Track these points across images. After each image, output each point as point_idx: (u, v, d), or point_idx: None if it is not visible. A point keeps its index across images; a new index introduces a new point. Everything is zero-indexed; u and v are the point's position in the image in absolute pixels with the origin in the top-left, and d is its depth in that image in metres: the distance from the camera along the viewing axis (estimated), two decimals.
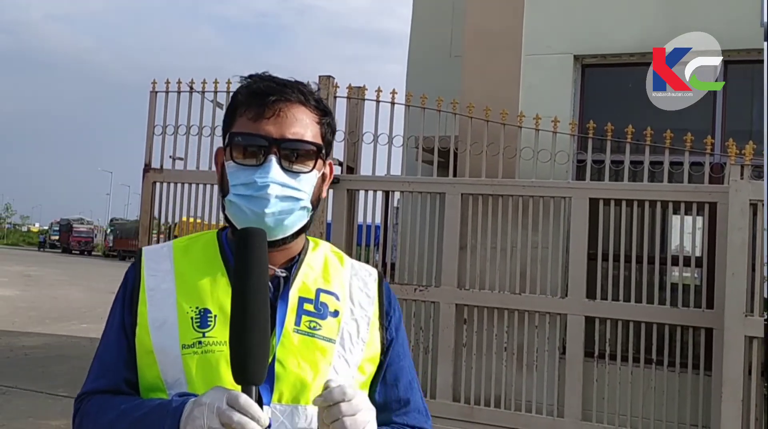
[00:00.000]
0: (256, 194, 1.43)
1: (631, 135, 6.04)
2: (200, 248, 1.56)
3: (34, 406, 7.44)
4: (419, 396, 1.63)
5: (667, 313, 5.86)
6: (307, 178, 1.49)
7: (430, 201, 6.63)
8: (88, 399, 1.48)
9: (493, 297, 6.31)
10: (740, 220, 5.42)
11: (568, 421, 6.05)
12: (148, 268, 1.53)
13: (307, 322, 1.47)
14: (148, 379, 1.44)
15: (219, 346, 1.39)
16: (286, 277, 1.50)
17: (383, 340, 1.56)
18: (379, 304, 1.59)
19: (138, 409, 1.38)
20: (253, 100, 1.48)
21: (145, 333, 1.44)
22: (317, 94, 1.57)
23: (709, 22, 6.58)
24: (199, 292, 1.46)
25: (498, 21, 6.86)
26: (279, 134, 1.45)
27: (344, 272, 1.59)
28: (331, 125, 1.58)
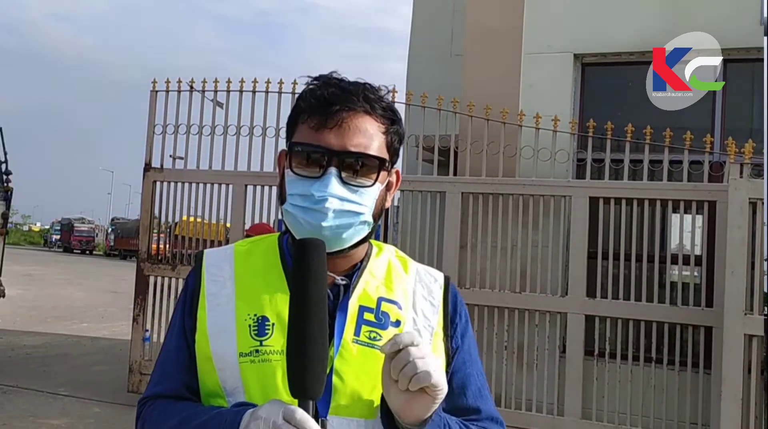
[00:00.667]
0: (313, 207, 1.37)
1: (630, 134, 6.05)
2: (261, 253, 1.51)
3: (35, 405, 7.45)
4: (491, 404, 1.55)
5: (666, 312, 5.87)
6: (368, 191, 1.41)
7: (431, 200, 6.64)
8: (151, 403, 1.47)
9: (493, 296, 6.32)
10: (739, 218, 5.43)
11: (568, 420, 6.06)
12: (208, 273, 1.49)
13: (367, 333, 1.40)
14: (208, 386, 1.42)
15: (276, 355, 1.36)
16: (346, 285, 1.44)
17: (448, 351, 1.49)
18: (444, 312, 1.51)
19: (197, 416, 1.36)
20: (316, 109, 1.40)
21: (204, 339, 1.42)
22: (386, 98, 1.48)
23: (708, 20, 6.59)
24: (258, 298, 1.43)
25: (498, 20, 6.86)
26: (340, 146, 1.38)
27: (408, 279, 1.52)
28: (399, 133, 1.50)
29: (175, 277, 7.47)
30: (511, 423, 6.14)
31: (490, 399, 1.56)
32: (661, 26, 6.82)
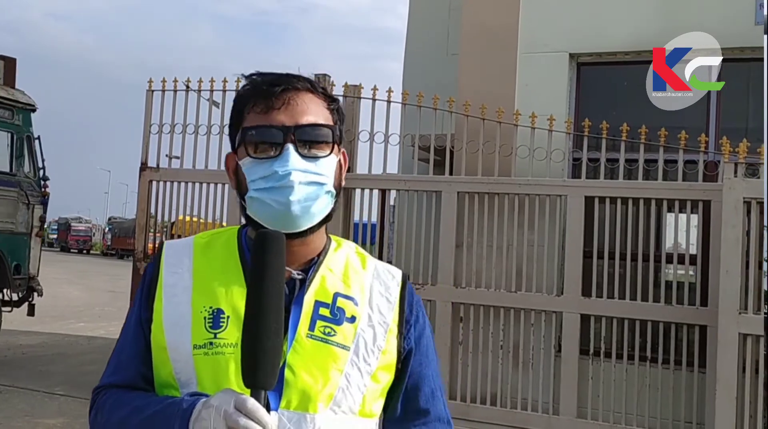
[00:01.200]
0: (278, 184, 1.39)
1: (626, 133, 6.06)
2: (220, 246, 1.53)
3: (31, 405, 7.45)
4: (442, 406, 1.57)
5: (661, 311, 5.88)
6: (326, 161, 1.45)
7: (427, 199, 6.64)
8: (105, 392, 1.49)
9: (489, 295, 6.33)
10: (734, 217, 5.44)
11: (564, 419, 6.07)
12: (167, 265, 1.51)
13: (321, 328, 1.42)
14: (162, 377, 1.44)
15: (230, 348, 1.37)
16: (303, 279, 1.46)
17: (400, 349, 1.50)
18: (400, 310, 1.52)
19: (150, 406, 1.38)
20: (260, 94, 1.44)
21: (160, 330, 1.43)
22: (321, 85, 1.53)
23: (703, 20, 6.60)
24: (214, 291, 1.44)
25: (494, 19, 6.88)
26: (293, 122, 1.41)
27: (365, 275, 1.53)
28: (340, 112, 1.54)
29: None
30: (507, 422, 6.15)
31: (441, 399, 1.58)
32: (657, 26, 6.83)
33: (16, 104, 9.60)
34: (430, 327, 1.61)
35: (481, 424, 6.22)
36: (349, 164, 7.30)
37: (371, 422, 1.47)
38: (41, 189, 10.13)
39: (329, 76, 6.88)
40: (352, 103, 6.96)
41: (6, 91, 9.39)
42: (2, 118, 9.40)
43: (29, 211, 9.71)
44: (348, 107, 6.97)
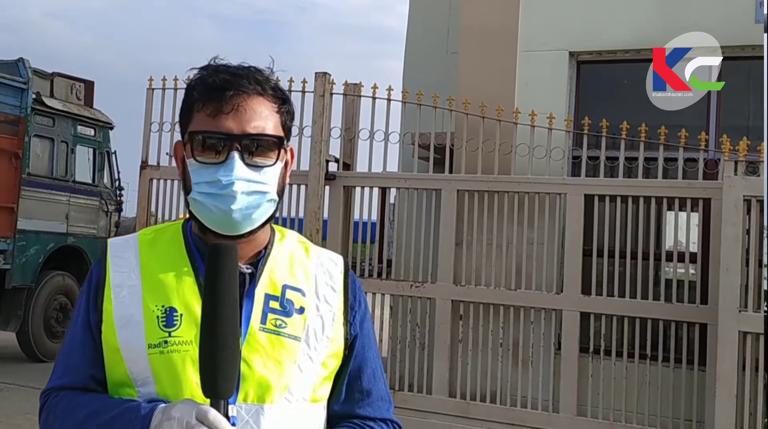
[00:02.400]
0: (221, 192, 1.40)
1: (626, 131, 6.06)
2: (166, 242, 1.53)
3: (31, 402, 7.39)
4: (382, 384, 1.62)
5: (661, 309, 5.88)
6: (271, 170, 1.46)
7: (426, 197, 6.64)
8: (55, 395, 1.47)
9: (488, 293, 6.33)
10: (734, 215, 5.44)
11: (563, 417, 6.07)
12: (113, 264, 1.50)
13: (273, 320, 1.45)
14: (116, 376, 1.44)
15: (185, 345, 1.39)
16: (252, 273, 1.48)
17: (347, 336, 1.55)
18: (345, 297, 1.56)
19: (106, 410, 1.38)
20: (209, 96, 1.43)
21: (111, 331, 1.43)
22: (273, 79, 1.51)
23: (703, 18, 6.59)
24: (165, 289, 1.44)
25: (494, 18, 6.87)
26: (240, 130, 1.42)
27: (310, 265, 1.57)
28: (290, 112, 1.54)
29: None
30: (507, 420, 6.16)
31: (383, 379, 1.63)
32: (656, 24, 6.82)
33: (98, 123, 10.79)
34: (369, 310, 1.65)
35: (481, 422, 6.22)
36: (349, 162, 7.31)
37: (320, 406, 1.51)
38: (117, 198, 11.57)
39: (329, 75, 6.87)
40: (352, 101, 6.96)
41: (89, 111, 10.42)
42: (86, 136, 10.60)
43: (108, 217, 11.18)
44: (348, 105, 6.98)
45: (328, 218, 6.84)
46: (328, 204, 6.82)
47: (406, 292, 6.54)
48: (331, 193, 6.79)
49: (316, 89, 6.80)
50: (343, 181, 6.80)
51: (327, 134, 6.80)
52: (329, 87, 6.85)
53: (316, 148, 6.73)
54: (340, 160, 6.98)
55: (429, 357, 6.48)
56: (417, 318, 6.55)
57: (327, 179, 6.76)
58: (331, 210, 6.83)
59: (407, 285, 6.52)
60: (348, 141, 6.94)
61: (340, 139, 6.91)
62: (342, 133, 6.89)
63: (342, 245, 6.70)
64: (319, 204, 6.74)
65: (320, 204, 6.74)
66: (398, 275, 6.69)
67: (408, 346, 6.55)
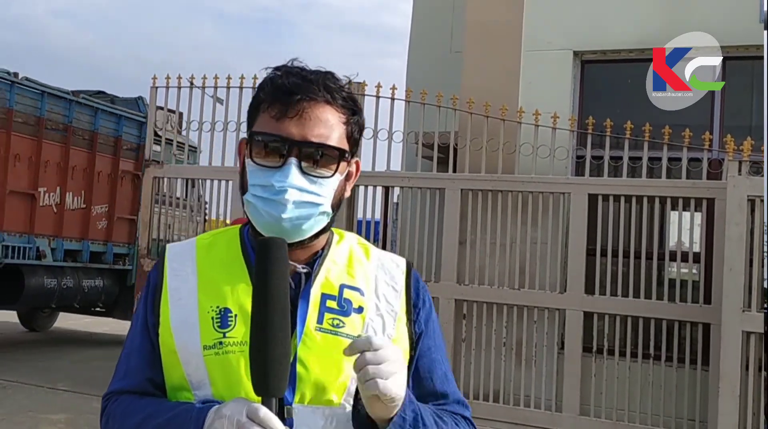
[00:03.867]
0: (273, 198, 1.37)
1: (630, 131, 6.06)
2: (223, 245, 1.52)
3: (34, 400, 7.47)
4: (455, 387, 1.57)
5: (665, 309, 5.88)
6: (328, 182, 1.42)
7: (430, 196, 6.64)
8: (115, 399, 1.48)
9: (492, 292, 6.33)
10: (738, 215, 5.44)
11: (567, 416, 6.07)
12: (171, 268, 1.50)
13: (330, 320, 1.41)
14: (173, 380, 1.43)
15: (239, 346, 1.36)
16: (308, 273, 1.45)
17: (411, 335, 1.49)
18: (407, 296, 1.51)
19: (162, 413, 1.38)
20: (276, 98, 1.40)
21: (168, 333, 1.43)
22: (347, 88, 1.47)
23: (707, 18, 6.59)
24: (220, 291, 1.43)
25: (498, 17, 6.87)
26: (301, 136, 1.38)
27: (369, 266, 1.52)
28: (359, 124, 1.49)
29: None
30: (510, 419, 6.16)
31: (454, 382, 1.58)
32: (660, 24, 6.82)
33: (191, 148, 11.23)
34: (435, 312, 1.60)
35: (484, 421, 6.22)
36: None
37: None
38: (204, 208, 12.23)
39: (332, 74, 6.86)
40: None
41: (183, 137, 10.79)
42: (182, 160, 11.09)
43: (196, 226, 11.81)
44: None
45: None
46: None
47: None
48: None
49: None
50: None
51: None
52: None
53: None
54: None
55: None
56: None
57: None
58: None
59: None
60: None
61: None
62: None
63: None
64: None
65: None
66: None
67: None
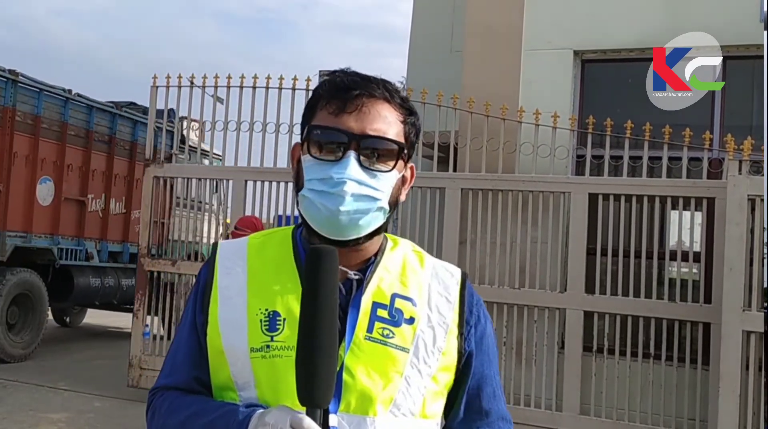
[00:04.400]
0: (331, 190, 1.35)
1: (630, 130, 6.06)
2: (274, 246, 1.50)
3: (35, 399, 7.47)
4: (502, 404, 1.55)
5: (665, 308, 5.88)
6: (386, 177, 1.40)
7: (430, 196, 6.64)
8: (161, 394, 1.48)
9: (492, 291, 6.32)
10: (738, 215, 5.44)
11: (567, 415, 6.07)
12: (222, 267, 1.48)
13: (380, 330, 1.38)
14: (220, 379, 1.43)
15: (287, 351, 1.35)
16: (360, 280, 1.42)
17: (461, 349, 1.46)
18: (460, 310, 1.49)
19: (206, 413, 1.37)
20: (334, 94, 1.40)
21: (216, 333, 1.42)
22: (403, 93, 1.47)
23: (707, 17, 6.59)
24: (270, 293, 1.42)
25: (498, 16, 6.87)
26: (360, 130, 1.37)
27: (423, 275, 1.49)
28: (415, 125, 1.48)
29: (176, 272, 7.50)
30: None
31: (503, 399, 1.56)
32: (661, 23, 6.82)
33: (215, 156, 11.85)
34: (491, 325, 1.57)
35: None
36: None
37: (431, 423, 1.44)
38: None
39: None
40: None
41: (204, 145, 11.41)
42: None
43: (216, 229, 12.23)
44: None
45: None
46: None
47: None
48: None
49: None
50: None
51: None
52: None
53: None
54: None
55: None
56: None
57: None
58: None
59: None
60: None
61: None
62: None
63: None
64: None
65: None
66: None
67: None
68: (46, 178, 9.90)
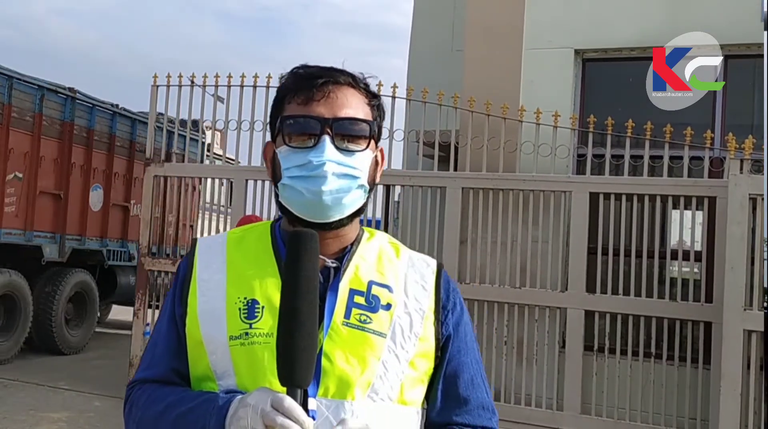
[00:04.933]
0: (312, 174, 1.40)
1: (631, 129, 6.05)
2: (254, 240, 1.54)
3: (35, 398, 7.47)
4: (483, 392, 1.57)
5: (666, 307, 5.88)
6: (362, 156, 1.45)
7: (431, 195, 6.64)
8: (139, 387, 1.50)
9: (493, 291, 6.32)
10: (739, 214, 5.43)
11: (568, 415, 6.07)
12: (201, 261, 1.52)
13: (357, 315, 1.42)
14: (198, 370, 1.45)
15: (265, 337, 1.38)
16: (337, 267, 1.46)
17: (438, 335, 1.49)
18: (436, 296, 1.52)
19: (185, 402, 1.39)
20: (301, 85, 1.45)
21: (195, 324, 1.44)
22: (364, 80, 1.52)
23: (709, 16, 6.59)
24: (248, 282, 1.45)
25: (499, 15, 6.86)
26: (331, 114, 1.42)
27: (399, 264, 1.53)
28: (380, 108, 1.53)
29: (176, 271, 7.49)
30: (511, 418, 6.15)
31: (483, 386, 1.57)
32: (662, 22, 6.82)
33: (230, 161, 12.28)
34: (468, 315, 1.60)
35: None
36: None
37: (410, 410, 1.47)
38: None
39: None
40: None
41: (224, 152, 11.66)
42: None
43: None
44: None
45: None
46: None
47: None
48: None
49: None
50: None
51: None
52: None
53: None
54: None
55: None
56: None
57: None
58: None
59: None
60: None
61: None
62: None
63: None
64: None
65: None
66: None
67: None
68: (97, 185, 10.86)
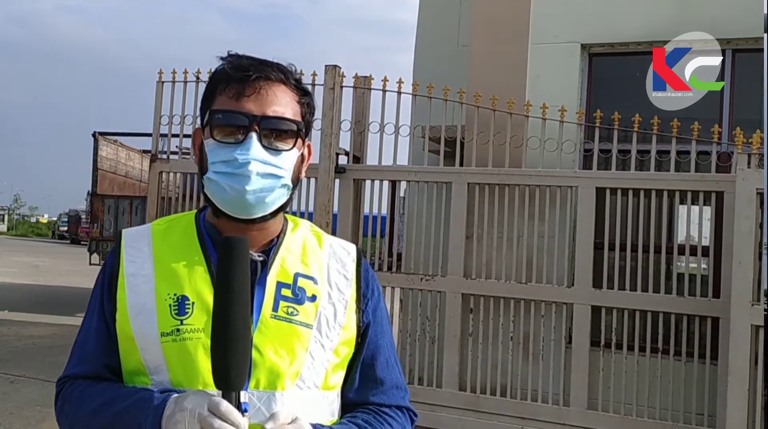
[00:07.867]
0: (236, 171, 1.42)
1: (638, 124, 6.03)
2: (179, 231, 1.55)
3: (41, 394, 7.48)
4: (397, 373, 1.64)
5: (673, 303, 5.85)
6: (287, 155, 1.47)
7: (437, 190, 6.63)
8: (71, 383, 1.51)
9: (499, 286, 6.31)
10: (747, 209, 5.40)
11: (574, 410, 6.06)
12: (127, 254, 1.52)
13: (284, 308, 1.47)
14: (130, 364, 1.46)
15: (197, 333, 1.40)
16: (264, 261, 1.50)
17: (359, 323, 1.56)
18: (357, 286, 1.58)
19: (119, 400, 1.40)
20: (233, 79, 1.46)
21: (125, 320, 1.45)
22: (297, 74, 1.56)
23: (716, 10, 6.55)
24: (177, 278, 1.46)
25: (505, 10, 6.84)
26: (260, 112, 1.44)
27: (322, 255, 1.59)
28: (310, 105, 1.56)
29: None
30: (517, 413, 6.15)
31: (397, 367, 1.65)
32: (669, 16, 6.78)
33: None
34: (383, 299, 1.66)
35: (491, 416, 6.21)
36: (359, 155, 7.30)
37: (332, 394, 1.52)
38: None
39: (339, 67, 6.85)
40: (362, 94, 6.94)
41: None
42: None
43: None
44: (358, 98, 6.96)
45: (338, 211, 6.83)
46: (338, 197, 6.81)
47: (417, 286, 6.53)
48: (341, 187, 6.78)
49: (326, 82, 6.79)
50: (353, 175, 6.79)
51: (337, 127, 6.79)
52: (339, 80, 6.83)
53: (326, 141, 6.73)
54: (350, 153, 6.97)
55: (439, 350, 6.47)
56: (427, 311, 6.54)
57: (337, 172, 6.76)
58: (341, 203, 6.82)
59: (417, 278, 6.51)
60: (358, 134, 6.93)
61: (350, 132, 6.89)
62: (352, 126, 6.88)
63: (352, 239, 6.68)
64: (329, 197, 6.73)
65: (330, 197, 6.74)
66: (408, 268, 6.68)
67: (418, 339, 6.55)
68: None
